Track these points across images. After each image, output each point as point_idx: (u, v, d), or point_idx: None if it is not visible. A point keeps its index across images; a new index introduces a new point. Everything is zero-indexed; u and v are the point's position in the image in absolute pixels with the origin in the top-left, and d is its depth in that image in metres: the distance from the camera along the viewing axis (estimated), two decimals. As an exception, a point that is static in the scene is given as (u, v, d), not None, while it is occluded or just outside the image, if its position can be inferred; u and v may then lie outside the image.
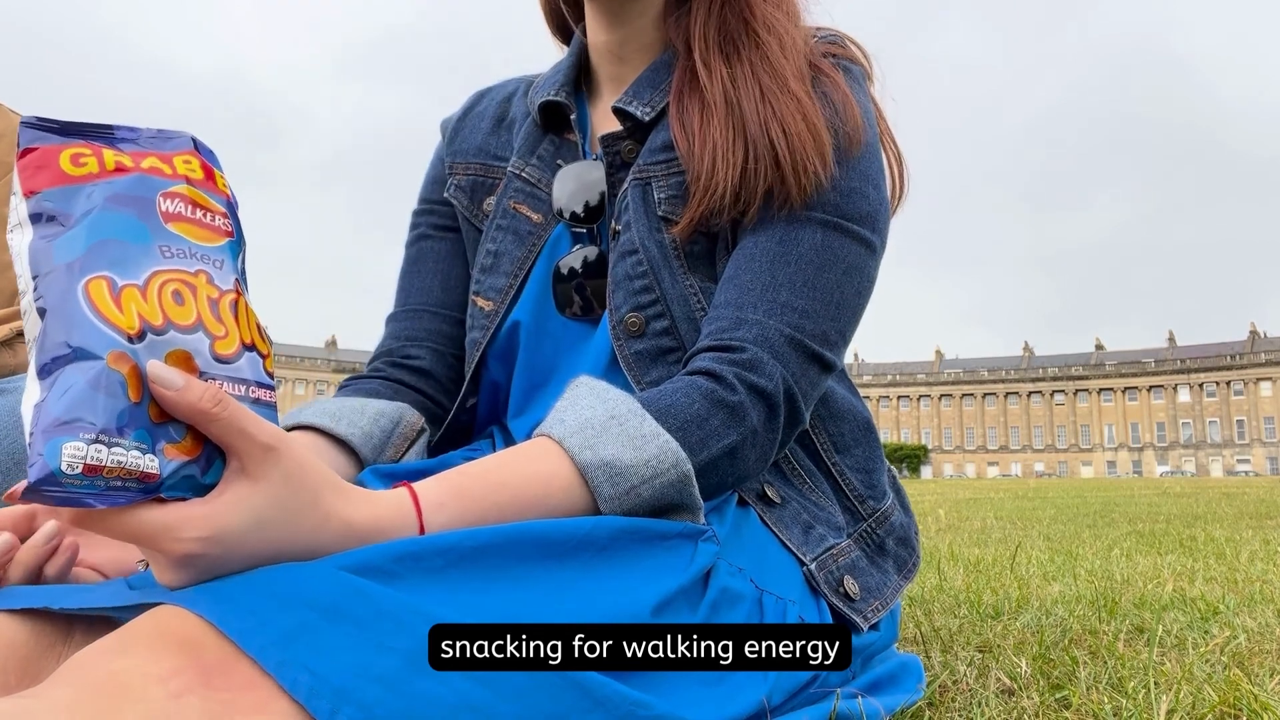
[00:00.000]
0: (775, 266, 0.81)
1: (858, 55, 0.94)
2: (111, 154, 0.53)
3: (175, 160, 0.55)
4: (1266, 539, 3.71)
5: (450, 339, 1.04)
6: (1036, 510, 7.26)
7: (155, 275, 0.50)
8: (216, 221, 0.55)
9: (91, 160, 0.52)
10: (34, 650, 0.57)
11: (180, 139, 0.57)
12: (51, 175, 0.51)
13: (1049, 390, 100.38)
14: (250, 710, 0.44)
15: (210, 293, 0.52)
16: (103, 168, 0.52)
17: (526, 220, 0.97)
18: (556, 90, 0.98)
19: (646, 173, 0.89)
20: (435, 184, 1.09)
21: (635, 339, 0.87)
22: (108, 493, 0.47)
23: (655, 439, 0.69)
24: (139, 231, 0.51)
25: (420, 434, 0.97)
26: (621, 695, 0.53)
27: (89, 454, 0.46)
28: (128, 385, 0.48)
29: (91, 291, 0.49)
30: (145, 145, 0.56)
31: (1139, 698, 0.98)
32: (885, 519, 0.94)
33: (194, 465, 0.50)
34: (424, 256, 1.08)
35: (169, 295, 0.50)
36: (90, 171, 0.52)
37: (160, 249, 0.51)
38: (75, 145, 0.53)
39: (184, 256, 0.52)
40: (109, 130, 0.56)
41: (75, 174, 0.52)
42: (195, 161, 0.56)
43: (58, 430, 0.46)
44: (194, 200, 0.54)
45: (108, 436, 0.47)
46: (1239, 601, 1.82)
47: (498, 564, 0.57)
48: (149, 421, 0.48)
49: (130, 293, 0.49)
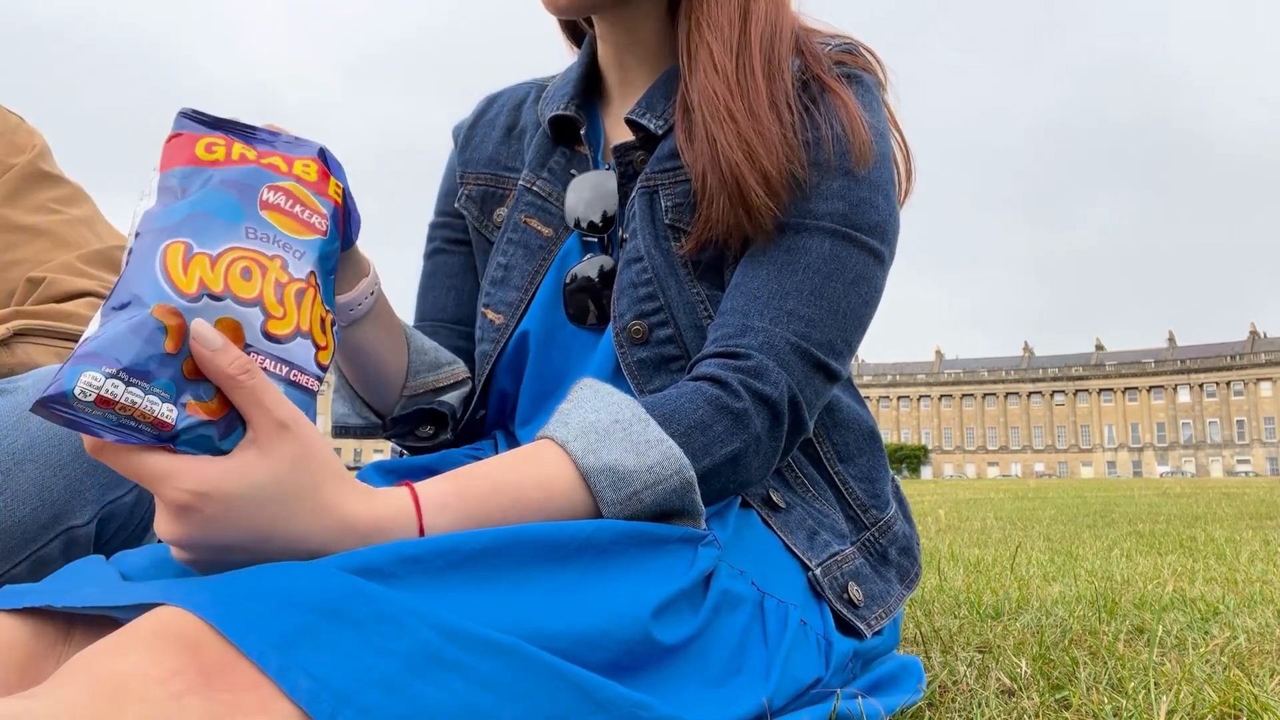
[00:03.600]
0: (783, 275, 0.81)
1: (870, 63, 0.92)
2: (241, 147, 0.59)
3: (296, 162, 0.61)
4: (1266, 539, 3.71)
5: (466, 354, 1.05)
6: (1036, 511, 7.26)
7: (230, 250, 0.54)
8: (313, 219, 0.59)
9: (221, 150, 0.58)
10: (34, 650, 0.57)
11: (310, 146, 0.63)
12: (185, 157, 0.57)
13: (1049, 390, 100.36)
14: (251, 711, 0.44)
15: (280, 277, 0.56)
16: (228, 157, 0.58)
17: (537, 235, 0.97)
18: (566, 103, 0.97)
19: (653, 181, 0.89)
20: (448, 196, 1.09)
21: (638, 346, 0.87)
22: (118, 428, 0.50)
23: (659, 445, 0.69)
24: (234, 211, 0.56)
25: (465, 382, 0.99)
26: (623, 697, 0.53)
27: (105, 386, 0.48)
28: (168, 335, 0.51)
29: (168, 252, 0.53)
30: (277, 147, 0.61)
31: (1139, 698, 0.98)
32: (888, 528, 0.94)
33: (213, 427, 0.53)
34: (438, 271, 1.09)
35: (238, 270, 0.54)
36: (217, 159, 0.58)
37: (246, 230, 0.56)
38: (213, 136, 0.59)
39: (266, 241, 0.56)
40: (251, 130, 0.61)
41: (204, 159, 0.58)
42: (314, 166, 0.62)
43: (84, 360, 0.49)
44: (297, 196, 0.59)
45: (128, 375, 0.49)
46: (1239, 602, 1.82)
47: (499, 566, 0.57)
48: (180, 374, 0.51)
49: (200, 260, 0.53)
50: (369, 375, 0.92)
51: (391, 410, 0.96)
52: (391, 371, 0.92)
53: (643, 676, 0.59)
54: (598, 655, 0.57)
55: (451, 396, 0.97)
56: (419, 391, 0.95)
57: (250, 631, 0.46)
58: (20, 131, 1.25)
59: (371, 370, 0.91)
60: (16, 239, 1.17)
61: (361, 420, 0.97)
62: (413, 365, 0.94)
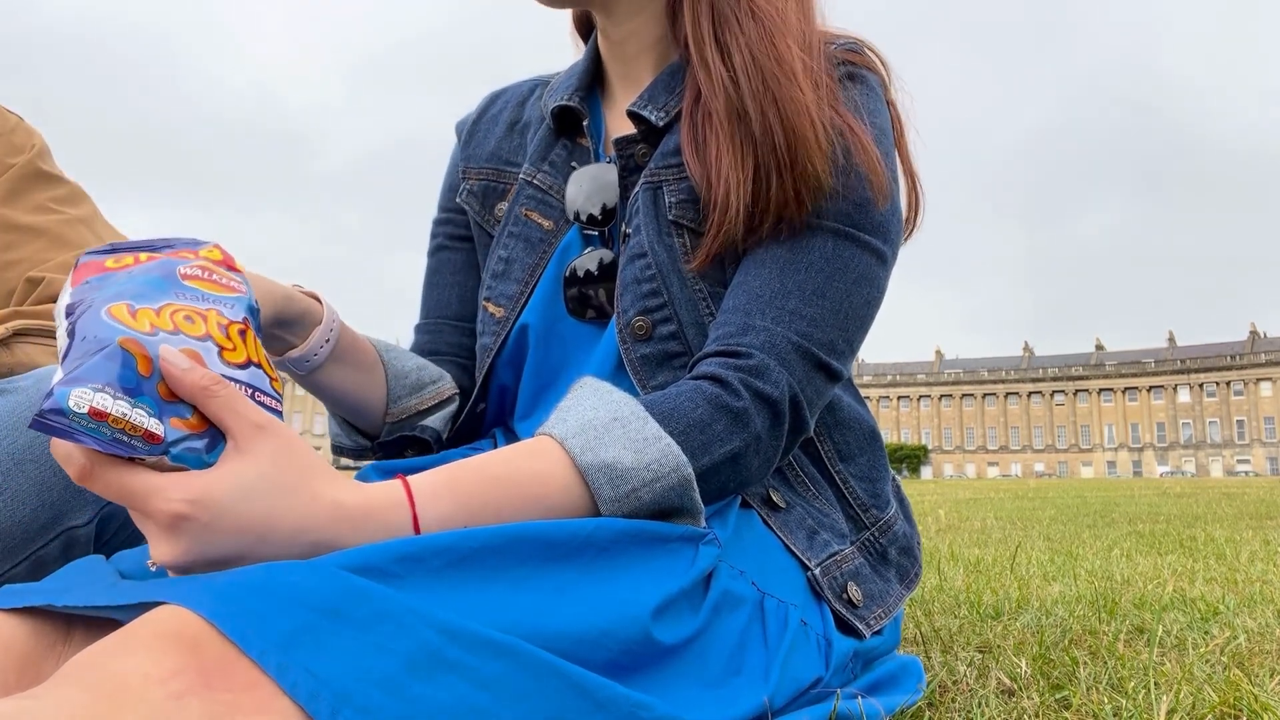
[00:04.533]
0: (785, 274, 0.81)
1: (874, 62, 0.92)
2: (145, 254, 0.64)
3: (201, 252, 0.66)
4: (1266, 539, 3.71)
5: (470, 351, 1.05)
6: (1036, 510, 7.26)
7: (169, 305, 0.59)
8: (231, 283, 0.64)
9: (129, 259, 0.63)
10: (34, 650, 0.57)
11: (207, 244, 0.68)
12: (95, 269, 0.62)
13: (1049, 390, 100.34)
14: (251, 711, 0.44)
15: (220, 319, 0.60)
16: (137, 260, 0.63)
17: (538, 228, 0.97)
18: (570, 95, 0.97)
19: (657, 177, 0.89)
20: (451, 191, 1.10)
21: (641, 342, 0.87)
22: (112, 442, 0.52)
23: (657, 442, 0.69)
24: (160, 285, 0.60)
25: (451, 400, 1.00)
26: (623, 697, 0.53)
27: (96, 399, 0.51)
28: (137, 362, 0.54)
29: (112, 310, 0.57)
30: (177, 246, 0.66)
31: (1139, 698, 0.98)
32: (888, 528, 0.94)
33: (199, 440, 0.55)
34: (442, 268, 1.09)
35: (181, 317, 0.59)
36: (126, 264, 0.62)
37: (176, 294, 0.60)
38: (116, 255, 0.64)
39: (197, 299, 0.61)
40: (149, 242, 0.67)
41: (114, 267, 0.62)
42: (217, 251, 0.67)
43: (70, 382, 0.51)
44: (211, 269, 0.64)
45: (114, 390, 0.52)
46: (1239, 602, 1.82)
47: (498, 565, 0.57)
48: (157, 396, 0.54)
49: (145, 310, 0.57)
50: (347, 409, 0.95)
51: (379, 434, 0.97)
52: (370, 402, 0.94)
53: (642, 676, 0.59)
54: (597, 655, 0.56)
55: (435, 419, 0.98)
56: (401, 417, 0.96)
57: (250, 631, 0.46)
58: (19, 131, 1.25)
59: (349, 404, 0.94)
60: (15, 239, 1.17)
61: (352, 443, 0.99)
62: (393, 391, 0.95)
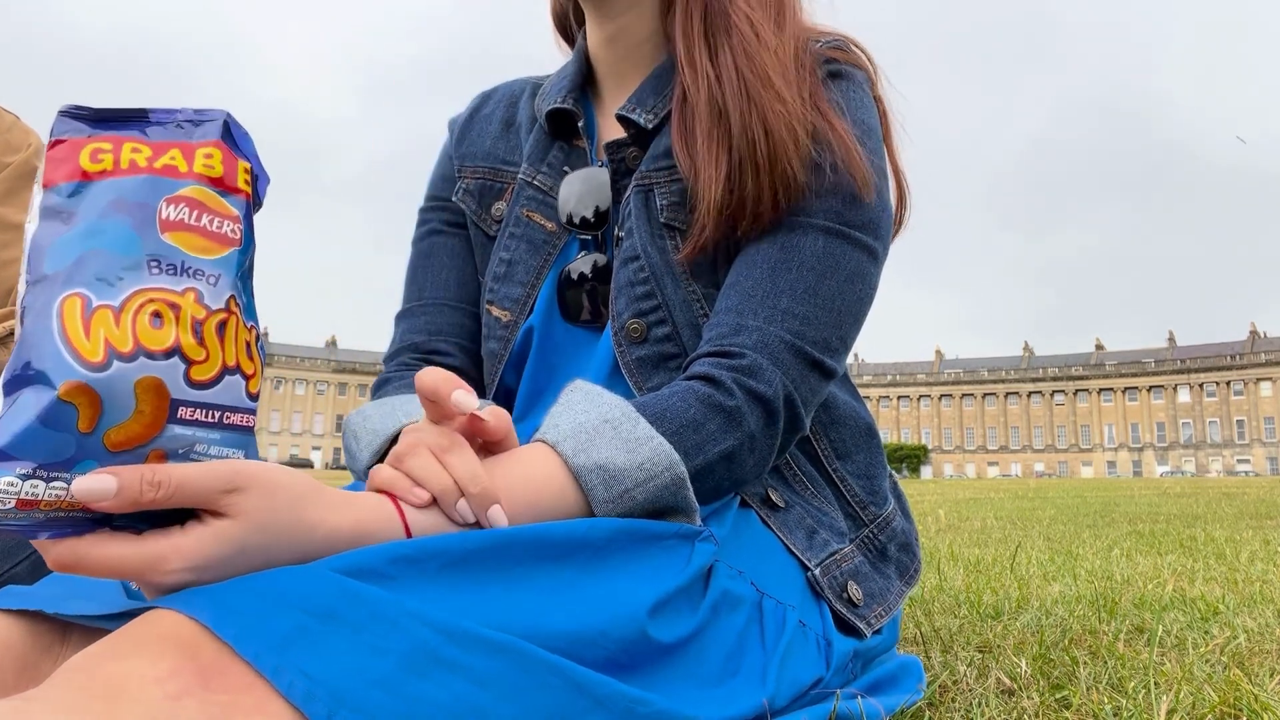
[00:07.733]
0: (777, 273, 0.81)
1: (861, 59, 0.92)
2: (131, 146, 0.52)
3: (197, 153, 0.53)
4: (1266, 539, 3.71)
5: (471, 334, 1.03)
6: (1036, 510, 7.26)
7: (136, 295, 0.49)
8: (224, 228, 0.53)
9: (109, 157, 0.52)
10: (32, 651, 0.57)
11: (212, 122, 0.55)
12: (68, 171, 0.51)
13: (1049, 390, 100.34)
14: (248, 712, 0.44)
15: (196, 313, 0.50)
16: (117, 165, 0.51)
17: (540, 228, 0.96)
18: (563, 97, 0.97)
19: (648, 180, 0.89)
20: (444, 181, 1.08)
21: (636, 345, 0.87)
22: (49, 524, 0.47)
23: (649, 442, 0.68)
24: (131, 243, 0.50)
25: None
26: (620, 693, 0.53)
27: (23, 489, 0.45)
28: (79, 417, 0.46)
29: (65, 311, 0.47)
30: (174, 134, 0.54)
31: (1139, 698, 0.98)
32: (887, 524, 0.94)
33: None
34: (436, 251, 1.06)
35: (146, 319, 0.49)
36: (105, 168, 0.51)
37: (149, 263, 0.50)
38: (99, 139, 0.52)
39: (174, 273, 0.51)
40: (143, 115, 0.54)
41: (91, 170, 0.51)
42: (217, 155, 0.54)
43: None
44: (202, 204, 0.53)
45: (47, 472, 0.46)
46: (1239, 602, 1.82)
47: (493, 566, 0.57)
48: (102, 450, 0.47)
49: (103, 315, 0.48)
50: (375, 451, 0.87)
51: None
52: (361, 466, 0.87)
53: (640, 674, 0.59)
54: (595, 654, 0.56)
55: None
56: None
57: (245, 632, 0.46)
58: (15, 130, 1.25)
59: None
60: (12, 237, 1.17)
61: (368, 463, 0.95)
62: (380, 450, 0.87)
